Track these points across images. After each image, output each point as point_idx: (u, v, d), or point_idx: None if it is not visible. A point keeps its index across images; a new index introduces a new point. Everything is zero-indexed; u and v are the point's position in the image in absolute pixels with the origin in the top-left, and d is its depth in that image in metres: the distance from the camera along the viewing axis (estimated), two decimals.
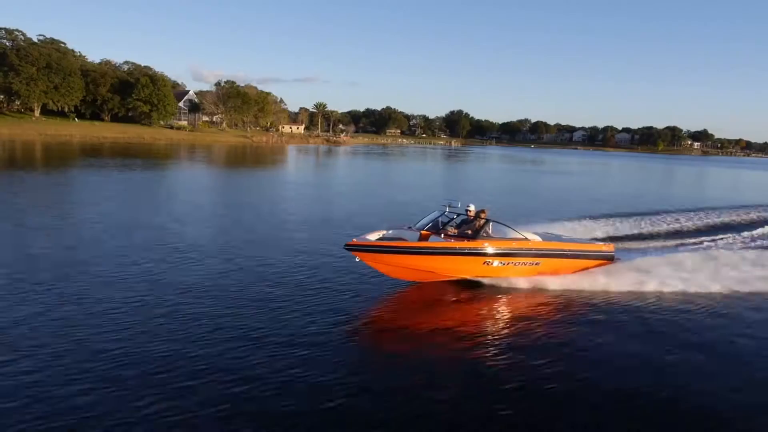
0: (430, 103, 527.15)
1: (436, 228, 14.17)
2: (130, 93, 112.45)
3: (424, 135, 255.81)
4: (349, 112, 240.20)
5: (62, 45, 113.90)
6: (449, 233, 13.98)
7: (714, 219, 27.21)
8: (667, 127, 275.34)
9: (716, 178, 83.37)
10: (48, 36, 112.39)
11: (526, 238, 14.35)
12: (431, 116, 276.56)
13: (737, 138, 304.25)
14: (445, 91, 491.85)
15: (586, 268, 15.28)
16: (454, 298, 13.16)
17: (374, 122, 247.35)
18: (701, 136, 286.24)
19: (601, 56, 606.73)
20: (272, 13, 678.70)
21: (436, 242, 13.41)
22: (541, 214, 26.71)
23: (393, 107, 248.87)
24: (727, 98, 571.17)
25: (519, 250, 14.07)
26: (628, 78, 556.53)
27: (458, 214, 14.67)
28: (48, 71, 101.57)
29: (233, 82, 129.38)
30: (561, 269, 14.96)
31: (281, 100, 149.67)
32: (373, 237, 13.64)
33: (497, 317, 12.16)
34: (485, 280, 14.01)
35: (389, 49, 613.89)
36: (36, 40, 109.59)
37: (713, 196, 48.07)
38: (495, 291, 13.75)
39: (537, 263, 14.48)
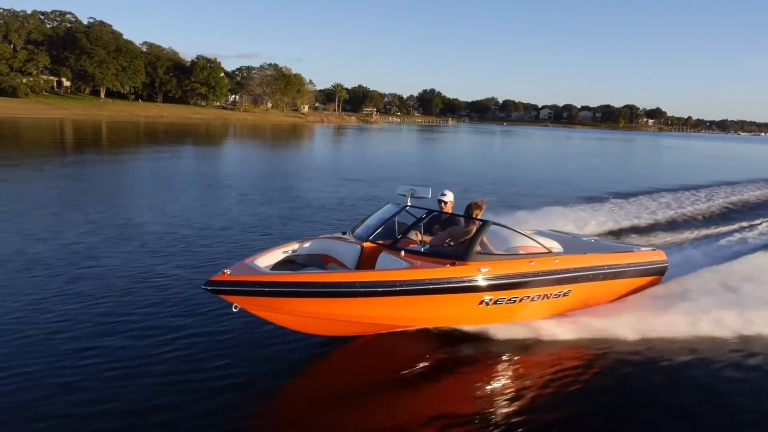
0: (384, 81, 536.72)
1: (392, 236, 7.81)
2: (188, 75, 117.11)
3: (399, 113, 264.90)
4: (322, 91, 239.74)
5: (111, 27, 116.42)
6: (415, 245, 7.70)
7: (737, 195, 23.11)
8: (626, 106, 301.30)
9: (703, 150, 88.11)
10: (97, 18, 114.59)
11: (549, 251, 8.34)
12: (397, 94, 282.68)
13: (686, 116, 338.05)
14: (401, 68, 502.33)
15: (632, 292, 9.54)
16: (425, 363, 7.26)
17: (349, 100, 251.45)
18: (656, 113, 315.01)
19: (561, 34, 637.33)
20: None
21: (389, 271, 6.91)
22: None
23: (365, 86, 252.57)
24: (676, 77, 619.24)
25: (540, 274, 7.86)
26: (585, 56, 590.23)
27: (429, 211, 8.23)
28: (117, 54, 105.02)
29: (276, 65, 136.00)
30: (596, 298, 9.00)
31: (310, 81, 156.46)
32: (266, 261, 7.22)
33: (502, 396, 6.63)
34: (473, 328, 7.83)
35: (334, 25, 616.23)
36: (86, 23, 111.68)
37: (720, 166, 46.29)
38: (494, 346, 7.75)
39: (567, 292, 8.38)
